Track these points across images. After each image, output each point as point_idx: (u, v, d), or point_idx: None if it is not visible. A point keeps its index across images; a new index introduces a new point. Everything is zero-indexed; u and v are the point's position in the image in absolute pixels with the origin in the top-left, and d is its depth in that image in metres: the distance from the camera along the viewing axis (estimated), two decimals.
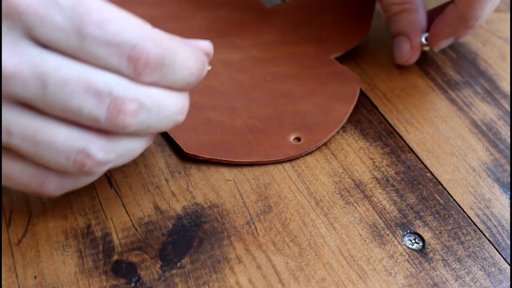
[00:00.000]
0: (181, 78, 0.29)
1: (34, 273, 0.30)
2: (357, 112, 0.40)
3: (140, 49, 0.27)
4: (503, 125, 0.40)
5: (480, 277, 0.31)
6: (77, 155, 0.27)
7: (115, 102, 0.27)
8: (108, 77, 0.27)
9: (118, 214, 0.33)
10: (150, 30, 0.27)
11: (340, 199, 0.35)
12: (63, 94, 0.26)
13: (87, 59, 0.27)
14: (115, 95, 0.27)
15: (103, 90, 0.26)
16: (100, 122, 0.27)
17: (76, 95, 0.26)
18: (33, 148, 0.27)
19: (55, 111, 0.27)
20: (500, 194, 0.36)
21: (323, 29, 0.44)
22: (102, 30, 0.26)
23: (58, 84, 0.26)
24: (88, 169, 0.28)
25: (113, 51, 0.26)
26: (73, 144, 0.27)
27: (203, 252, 0.31)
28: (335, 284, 0.30)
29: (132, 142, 0.29)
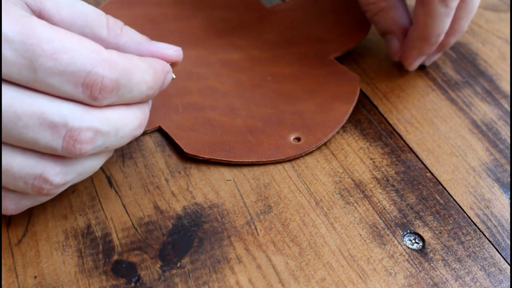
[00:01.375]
0: (139, 94, 0.29)
1: (34, 273, 0.30)
2: (357, 112, 0.40)
3: (94, 75, 0.26)
4: (503, 125, 0.40)
5: (480, 277, 0.31)
6: (35, 180, 0.28)
7: (71, 133, 0.27)
8: (63, 107, 0.27)
9: (118, 214, 0.33)
10: (104, 54, 0.27)
11: (340, 199, 0.35)
12: (17, 128, 0.26)
13: (41, 89, 0.26)
14: (70, 126, 0.27)
15: (57, 121, 0.26)
16: (57, 151, 0.27)
17: (31, 129, 0.26)
18: None
19: (11, 142, 0.27)
20: (500, 194, 0.36)
21: (323, 29, 0.44)
22: (55, 61, 0.26)
23: (12, 119, 0.26)
24: (46, 192, 0.28)
25: (67, 79, 0.26)
26: (29, 171, 0.27)
27: (203, 252, 0.31)
28: (335, 284, 0.30)
29: (90, 162, 0.29)
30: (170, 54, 0.31)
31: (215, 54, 0.42)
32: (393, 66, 0.44)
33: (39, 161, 0.28)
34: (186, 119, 0.37)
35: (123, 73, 0.27)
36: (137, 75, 0.28)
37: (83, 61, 0.26)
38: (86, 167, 0.29)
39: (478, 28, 0.48)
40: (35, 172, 0.27)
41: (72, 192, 0.34)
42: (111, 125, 0.28)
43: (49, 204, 0.33)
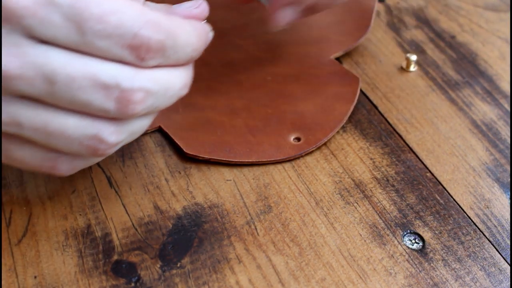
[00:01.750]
0: (183, 55, 0.29)
1: (34, 273, 0.30)
2: (357, 112, 0.40)
3: (140, 37, 0.27)
4: (503, 125, 0.40)
5: (480, 277, 0.31)
6: (90, 140, 0.28)
7: (123, 93, 0.27)
8: (114, 68, 0.27)
9: (118, 214, 0.33)
10: (150, 15, 0.27)
11: (340, 199, 0.35)
12: (71, 90, 0.26)
13: (90, 52, 0.27)
14: (122, 87, 0.27)
15: (110, 83, 0.27)
16: (110, 113, 0.27)
17: (84, 90, 0.26)
18: (45, 138, 0.28)
19: (64, 105, 0.27)
20: (500, 194, 0.36)
21: (323, 29, 0.44)
22: (102, 24, 0.26)
23: (66, 81, 0.26)
24: (101, 152, 0.29)
25: (114, 42, 0.26)
26: (84, 132, 0.28)
27: (203, 252, 0.31)
28: (335, 284, 0.30)
29: (140, 121, 0.30)
30: (196, 13, 0.31)
31: (215, 54, 0.42)
32: (393, 66, 0.44)
33: (93, 121, 0.28)
34: (186, 119, 0.37)
35: (168, 35, 0.28)
36: (182, 36, 0.28)
37: (130, 23, 0.26)
38: (138, 127, 0.30)
39: (478, 28, 0.48)
40: (91, 132, 0.28)
41: (72, 192, 0.34)
42: (160, 85, 0.28)
43: (49, 204, 0.33)
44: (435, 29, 0.48)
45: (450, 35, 0.47)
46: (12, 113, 0.27)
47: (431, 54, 0.45)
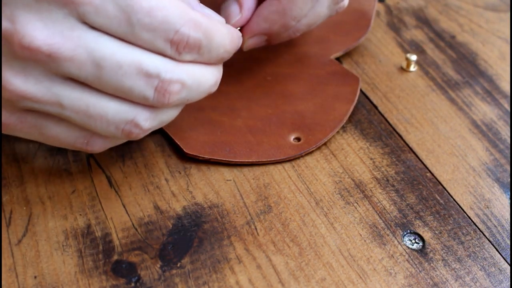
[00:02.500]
0: (215, 55, 0.32)
1: (34, 273, 0.30)
2: (357, 112, 0.40)
3: (182, 34, 0.29)
4: (503, 125, 0.40)
5: (480, 277, 0.31)
6: (126, 125, 0.30)
7: (162, 83, 0.30)
8: (156, 60, 0.30)
9: (118, 214, 0.33)
10: (191, 14, 0.30)
11: (340, 199, 0.35)
12: (117, 76, 0.29)
13: (135, 43, 0.29)
14: (162, 77, 0.30)
15: (152, 72, 0.29)
16: (149, 100, 0.30)
17: (129, 77, 0.29)
18: (85, 120, 0.30)
19: (107, 90, 0.29)
20: (500, 194, 0.36)
21: (323, 29, 0.44)
22: (150, 18, 0.29)
23: (113, 67, 0.29)
24: (135, 136, 0.31)
25: (158, 36, 0.29)
26: (122, 116, 0.30)
27: (203, 252, 0.31)
28: (335, 284, 0.30)
29: (171, 111, 0.32)
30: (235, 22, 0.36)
31: None
32: (393, 66, 0.44)
33: (132, 107, 0.30)
34: (186, 119, 0.37)
35: (206, 34, 0.30)
36: (217, 38, 0.31)
37: (174, 20, 0.29)
38: (168, 116, 0.32)
39: (478, 28, 0.48)
40: (128, 117, 0.30)
41: (72, 192, 0.34)
42: (194, 80, 0.31)
43: (49, 204, 0.33)
44: (435, 29, 0.48)
45: (450, 35, 0.47)
46: (56, 94, 0.29)
47: (431, 54, 0.45)
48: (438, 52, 0.45)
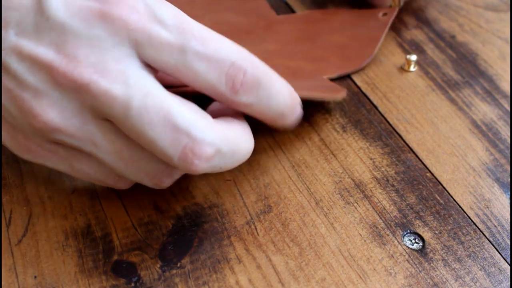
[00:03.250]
0: (275, 105, 0.29)
1: (34, 273, 0.30)
2: (357, 112, 0.40)
3: (238, 67, 0.27)
4: (503, 125, 0.40)
5: (480, 277, 0.31)
6: (156, 175, 0.29)
7: (193, 144, 0.26)
8: (190, 113, 0.26)
9: (118, 214, 0.33)
10: (247, 53, 0.28)
11: (340, 199, 0.35)
12: (142, 122, 0.26)
13: (186, 76, 0.27)
14: (193, 136, 0.26)
15: (182, 126, 0.26)
16: (172, 161, 0.27)
17: (155, 126, 0.26)
18: (117, 163, 0.28)
19: (132, 136, 0.27)
20: (500, 194, 0.36)
21: (325, 49, 0.43)
22: (204, 46, 0.27)
23: (140, 110, 0.26)
24: (164, 185, 0.30)
25: (213, 66, 0.27)
26: (155, 166, 0.28)
27: (203, 252, 0.31)
28: (335, 284, 0.30)
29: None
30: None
31: None
32: (393, 66, 0.44)
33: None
34: None
35: (264, 75, 0.28)
36: (277, 84, 0.29)
37: (229, 52, 0.27)
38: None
39: (478, 28, 0.48)
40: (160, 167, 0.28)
41: (72, 192, 0.34)
42: (230, 146, 0.28)
43: (49, 204, 0.33)
44: (435, 29, 0.48)
45: (450, 35, 0.47)
46: (90, 131, 0.27)
47: (431, 54, 0.45)
48: (438, 52, 0.45)
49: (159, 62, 0.27)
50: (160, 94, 0.26)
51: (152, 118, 0.26)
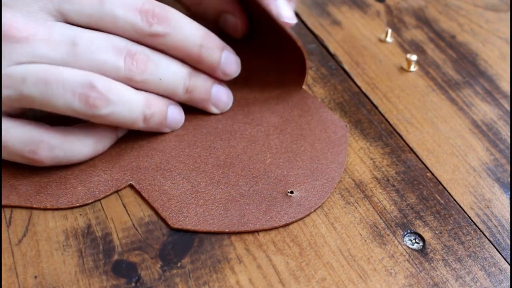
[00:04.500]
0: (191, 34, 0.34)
1: (34, 273, 0.30)
2: (357, 112, 0.40)
3: (149, 4, 0.33)
4: (503, 125, 0.40)
5: (481, 277, 0.31)
6: (83, 88, 0.31)
7: (129, 52, 0.33)
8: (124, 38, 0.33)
9: (118, 214, 0.33)
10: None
11: (340, 199, 0.35)
12: (90, 50, 0.32)
13: (108, 23, 0.32)
14: (128, 48, 0.33)
15: (120, 45, 0.32)
16: (121, 69, 0.32)
17: (102, 50, 0.32)
18: (43, 90, 0.31)
19: (81, 66, 0.31)
20: (501, 194, 0.36)
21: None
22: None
23: (86, 43, 0.32)
24: (92, 101, 0.31)
25: (128, 8, 0.32)
26: (79, 79, 0.31)
27: (203, 252, 0.31)
28: (335, 284, 0.30)
29: (132, 94, 0.33)
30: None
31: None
32: (393, 66, 0.44)
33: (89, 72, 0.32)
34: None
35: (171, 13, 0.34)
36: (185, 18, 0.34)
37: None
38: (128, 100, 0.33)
39: (478, 28, 0.48)
40: (85, 79, 0.31)
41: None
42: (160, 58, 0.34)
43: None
44: (435, 29, 0.48)
45: (450, 35, 0.47)
46: (21, 71, 0.30)
47: (431, 54, 0.45)
48: (438, 52, 0.45)
49: (82, 16, 0.32)
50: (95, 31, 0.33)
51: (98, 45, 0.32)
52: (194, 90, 0.36)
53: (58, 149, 0.33)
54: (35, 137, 0.32)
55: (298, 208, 0.33)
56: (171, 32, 0.34)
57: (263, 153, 0.36)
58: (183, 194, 0.34)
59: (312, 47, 0.45)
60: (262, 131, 0.37)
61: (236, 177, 0.35)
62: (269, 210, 0.33)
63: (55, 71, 0.31)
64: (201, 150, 0.36)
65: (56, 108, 0.31)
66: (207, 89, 0.37)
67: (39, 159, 0.32)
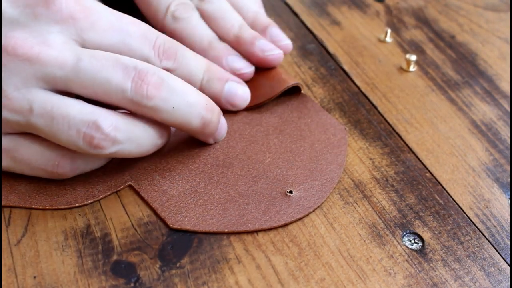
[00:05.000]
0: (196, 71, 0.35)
1: (34, 273, 0.30)
2: (356, 112, 0.40)
3: (159, 40, 0.34)
4: (502, 125, 0.40)
5: (480, 277, 0.31)
6: (88, 128, 0.30)
7: (139, 73, 0.31)
8: (133, 59, 0.31)
9: (117, 214, 0.33)
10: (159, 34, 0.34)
11: (339, 199, 0.35)
12: (94, 67, 0.30)
13: (123, 51, 0.32)
14: (139, 68, 0.31)
15: (129, 64, 0.31)
16: (127, 92, 0.30)
17: (106, 68, 0.30)
18: (49, 123, 0.30)
19: (85, 84, 0.30)
20: (500, 194, 0.36)
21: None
22: (138, 27, 0.33)
23: (90, 59, 0.30)
24: (96, 142, 0.30)
25: (144, 42, 0.33)
26: (84, 117, 0.30)
27: (202, 252, 0.31)
28: (334, 284, 0.30)
29: (142, 130, 0.32)
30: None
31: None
32: (392, 66, 0.44)
33: (96, 109, 0.30)
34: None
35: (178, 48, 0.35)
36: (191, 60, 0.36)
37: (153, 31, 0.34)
38: (137, 135, 0.31)
39: (478, 28, 0.48)
40: (90, 118, 0.30)
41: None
42: (176, 83, 0.32)
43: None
44: (434, 29, 0.48)
45: (450, 35, 0.47)
46: (30, 99, 0.30)
47: (431, 54, 0.45)
48: (437, 52, 0.45)
49: (102, 45, 0.32)
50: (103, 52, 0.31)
51: (102, 63, 0.30)
52: (209, 125, 0.34)
53: (79, 161, 0.32)
54: (57, 152, 0.32)
55: (297, 208, 0.33)
56: (178, 67, 0.34)
57: (262, 153, 0.36)
58: (182, 194, 0.34)
59: (312, 47, 0.45)
60: (261, 131, 0.37)
61: (235, 177, 0.35)
62: (268, 210, 0.33)
63: (61, 105, 0.30)
64: (200, 150, 0.36)
65: (61, 143, 0.31)
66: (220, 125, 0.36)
67: (63, 172, 0.32)
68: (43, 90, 0.30)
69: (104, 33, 0.32)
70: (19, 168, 0.32)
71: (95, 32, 0.32)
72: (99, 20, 0.32)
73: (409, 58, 0.43)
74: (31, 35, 0.30)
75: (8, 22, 0.30)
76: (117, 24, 0.32)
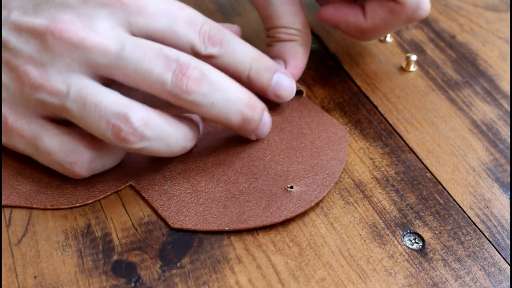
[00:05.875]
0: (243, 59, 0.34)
1: (34, 273, 0.30)
2: (357, 112, 0.40)
3: (206, 26, 0.33)
4: (503, 125, 0.40)
5: (480, 277, 0.31)
6: (117, 119, 0.30)
7: (181, 66, 0.31)
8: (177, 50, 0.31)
9: (118, 214, 0.33)
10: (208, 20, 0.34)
11: (340, 199, 0.35)
12: (136, 57, 0.30)
13: (170, 38, 0.32)
14: (181, 61, 0.31)
15: (171, 56, 0.31)
16: (167, 84, 0.30)
17: (148, 59, 0.30)
18: (81, 110, 0.30)
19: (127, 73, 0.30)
20: (500, 194, 0.36)
21: None
22: (184, 12, 0.33)
23: (134, 48, 0.30)
24: (123, 135, 0.30)
25: (190, 28, 0.33)
26: (115, 109, 0.30)
27: (203, 252, 0.31)
28: (335, 284, 0.30)
29: (173, 130, 0.32)
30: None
31: None
32: (393, 66, 0.44)
33: (128, 101, 0.30)
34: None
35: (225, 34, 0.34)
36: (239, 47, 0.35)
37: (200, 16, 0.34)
38: (166, 133, 0.31)
39: (478, 28, 0.48)
40: (121, 110, 0.30)
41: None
42: (218, 78, 0.32)
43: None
44: (435, 29, 0.48)
45: (450, 35, 0.47)
46: (69, 83, 0.30)
47: (431, 54, 0.45)
48: (438, 52, 0.45)
49: (149, 30, 0.32)
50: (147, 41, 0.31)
51: (145, 52, 0.30)
52: (249, 122, 0.34)
53: (97, 162, 0.32)
54: (77, 151, 0.32)
55: (298, 202, 0.33)
56: (223, 54, 0.34)
57: (263, 150, 0.36)
58: (182, 194, 0.34)
59: (312, 47, 0.45)
60: None
61: (235, 175, 0.35)
62: (269, 206, 0.33)
63: (96, 94, 0.30)
64: (200, 149, 0.36)
65: (91, 131, 0.31)
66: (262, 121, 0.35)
67: (79, 171, 0.32)
68: (83, 76, 0.30)
69: (152, 18, 0.32)
70: (40, 157, 0.33)
71: (142, 17, 0.31)
72: (146, 5, 0.32)
73: (409, 58, 0.43)
74: (79, 19, 0.30)
75: (57, 3, 0.31)
76: (165, 9, 0.32)
